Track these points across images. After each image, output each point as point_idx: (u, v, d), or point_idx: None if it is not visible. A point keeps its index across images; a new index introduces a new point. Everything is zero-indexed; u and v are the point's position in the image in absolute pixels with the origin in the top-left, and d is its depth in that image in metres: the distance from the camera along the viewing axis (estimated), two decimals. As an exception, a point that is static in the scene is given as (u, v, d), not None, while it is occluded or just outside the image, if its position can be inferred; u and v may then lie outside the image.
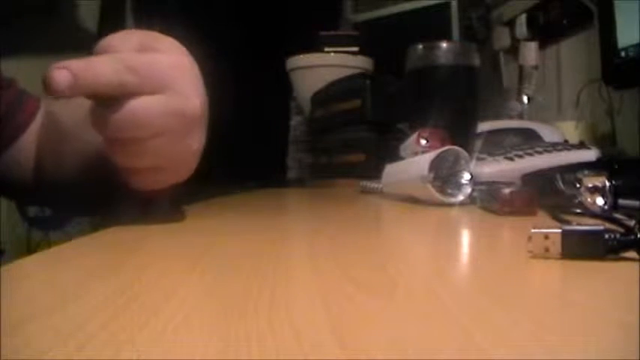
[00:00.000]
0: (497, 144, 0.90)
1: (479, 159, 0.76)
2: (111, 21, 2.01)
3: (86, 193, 0.59)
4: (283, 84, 1.79)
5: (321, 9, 2.03)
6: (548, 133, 1.02)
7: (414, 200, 0.70)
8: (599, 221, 0.35)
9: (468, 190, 0.65)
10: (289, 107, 1.81)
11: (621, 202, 0.52)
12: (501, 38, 1.66)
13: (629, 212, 0.46)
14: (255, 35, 1.95)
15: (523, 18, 1.52)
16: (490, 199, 0.58)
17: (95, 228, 0.46)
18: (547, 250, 0.31)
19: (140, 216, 0.45)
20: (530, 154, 0.75)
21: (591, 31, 1.28)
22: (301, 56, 1.76)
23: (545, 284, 0.28)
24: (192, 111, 0.46)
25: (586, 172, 0.54)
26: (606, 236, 0.30)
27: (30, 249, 1.78)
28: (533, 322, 0.21)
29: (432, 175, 0.65)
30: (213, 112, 0.50)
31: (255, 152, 1.85)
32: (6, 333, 0.20)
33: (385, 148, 1.16)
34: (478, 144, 0.83)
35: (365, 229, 0.55)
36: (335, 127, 1.46)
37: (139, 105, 0.43)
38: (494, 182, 0.66)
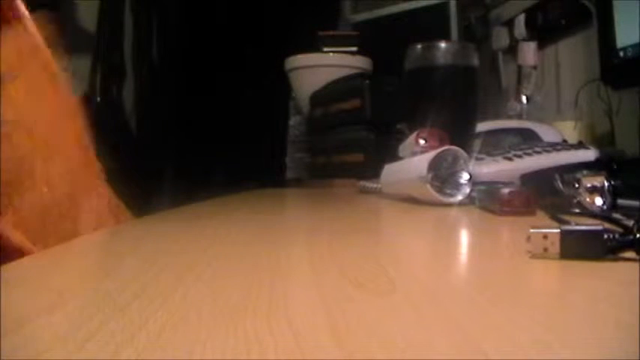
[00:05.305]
0: (496, 144, 0.90)
1: (477, 159, 0.75)
2: (110, 21, 2.01)
3: None
4: (282, 84, 1.79)
5: (320, 9, 2.03)
6: (546, 133, 1.02)
7: (412, 200, 0.70)
8: (598, 221, 0.35)
9: (467, 190, 0.65)
10: (288, 107, 1.81)
11: (620, 202, 0.52)
12: (500, 38, 1.66)
13: (628, 212, 0.46)
14: (254, 35, 1.95)
15: (522, 18, 1.52)
16: (489, 199, 0.58)
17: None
18: (546, 250, 0.31)
19: None
20: (529, 154, 0.75)
21: (590, 31, 1.28)
22: (300, 56, 1.76)
23: (544, 284, 0.28)
24: None
25: (585, 172, 0.54)
26: (605, 236, 0.30)
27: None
28: (532, 322, 0.21)
29: (430, 175, 0.65)
30: (212, 112, 0.50)
31: (254, 152, 1.85)
32: (6, 333, 0.20)
33: (384, 148, 1.15)
34: (477, 144, 0.83)
35: (364, 229, 0.55)
36: (334, 127, 1.46)
37: None
38: (493, 182, 0.66)
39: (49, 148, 0.73)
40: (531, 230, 0.31)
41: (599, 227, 0.31)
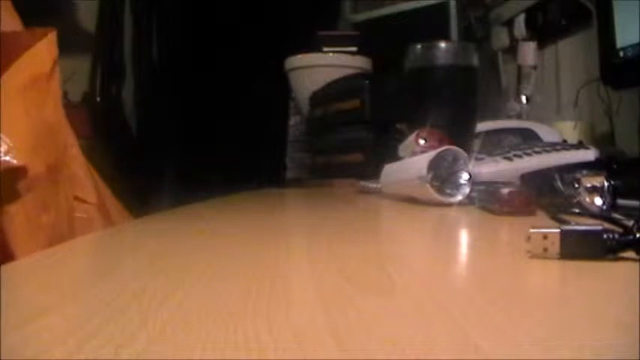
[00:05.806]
0: (496, 144, 0.90)
1: (477, 159, 0.75)
2: (109, 22, 2.01)
3: None
4: (282, 84, 1.79)
5: (320, 9, 2.03)
6: (546, 133, 1.02)
7: (412, 200, 0.70)
8: (597, 221, 0.35)
9: (467, 190, 0.65)
10: (288, 107, 1.81)
11: (620, 202, 0.52)
12: (500, 38, 1.66)
13: (628, 212, 0.46)
14: (253, 35, 1.95)
15: (522, 18, 1.52)
16: (489, 199, 0.58)
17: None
18: (546, 250, 0.31)
19: None
20: (529, 154, 0.75)
21: (590, 31, 1.28)
22: (300, 56, 1.76)
23: (543, 284, 0.28)
24: None
25: (585, 172, 0.54)
26: (605, 236, 0.30)
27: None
28: (532, 322, 0.21)
29: (430, 175, 0.65)
30: (212, 112, 0.50)
31: (254, 152, 1.85)
32: (6, 333, 0.20)
33: (384, 148, 1.16)
34: (477, 144, 0.83)
35: (363, 229, 0.55)
36: (333, 127, 1.46)
37: None
38: (492, 182, 0.66)
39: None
40: (531, 230, 0.31)
41: (599, 227, 0.31)
